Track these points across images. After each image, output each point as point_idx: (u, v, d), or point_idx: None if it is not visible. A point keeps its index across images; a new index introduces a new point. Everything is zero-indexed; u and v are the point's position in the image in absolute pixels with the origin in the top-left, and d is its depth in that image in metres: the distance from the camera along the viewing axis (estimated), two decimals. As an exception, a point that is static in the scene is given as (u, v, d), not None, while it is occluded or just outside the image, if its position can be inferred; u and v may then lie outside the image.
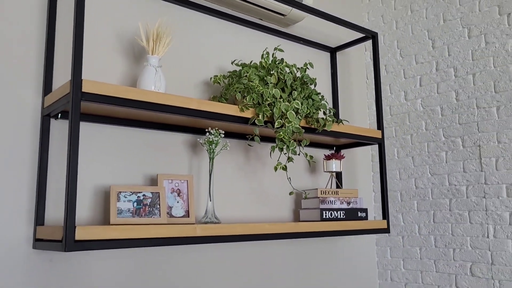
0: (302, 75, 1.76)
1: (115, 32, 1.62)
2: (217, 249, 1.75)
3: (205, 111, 1.50)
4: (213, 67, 1.88)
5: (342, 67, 2.42)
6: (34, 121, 1.42)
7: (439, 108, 2.20)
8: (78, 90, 1.23)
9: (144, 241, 1.30)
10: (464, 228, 2.05)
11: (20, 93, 1.41)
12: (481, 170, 2.02)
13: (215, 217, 1.59)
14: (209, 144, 1.61)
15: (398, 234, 2.30)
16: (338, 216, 1.90)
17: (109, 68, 1.59)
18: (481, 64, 2.06)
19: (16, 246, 1.35)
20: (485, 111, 2.03)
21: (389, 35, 2.45)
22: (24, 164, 1.39)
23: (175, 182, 1.57)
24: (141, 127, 1.62)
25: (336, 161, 2.02)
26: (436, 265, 2.14)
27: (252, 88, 1.60)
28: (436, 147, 2.19)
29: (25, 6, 1.45)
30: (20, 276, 1.34)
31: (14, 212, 1.35)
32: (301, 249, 2.05)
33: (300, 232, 1.71)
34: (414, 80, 2.32)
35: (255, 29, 2.06)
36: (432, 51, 2.26)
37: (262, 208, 1.95)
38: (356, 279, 2.28)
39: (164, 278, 1.61)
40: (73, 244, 1.17)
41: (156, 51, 1.51)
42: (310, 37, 2.26)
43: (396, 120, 2.37)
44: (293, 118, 1.58)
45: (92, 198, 1.49)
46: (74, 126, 1.21)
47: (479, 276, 1.99)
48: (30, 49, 1.44)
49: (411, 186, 2.27)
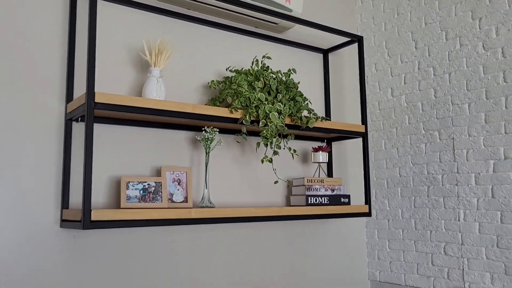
0: (286, 80, 2.02)
1: (126, 47, 1.92)
2: (212, 230, 2.05)
3: (199, 113, 1.78)
4: (212, 73, 2.16)
5: (336, 67, 2.66)
6: (59, 124, 1.74)
7: (420, 104, 2.42)
8: (92, 100, 1.54)
9: (147, 221, 1.61)
10: (439, 212, 2.29)
11: (47, 101, 1.73)
12: (454, 160, 2.24)
13: (210, 202, 1.89)
14: (205, 141, 1.90)
15: (384, 218, 2.55)
16: (322, 202, 2.16)
17: (120, 78, 1.89)
18: (456, 64, 2.27)
19: (47, 225, 1.68)
20: (458, 107, 2.25)
21: (378, 36, 2.67)
22: (52, 159, 1.71)
23: (176, 173, 1.87)
24: (149, 126, 1.92)
25: (323, 153, 2.28)
26: (415, 245, 2.38)
27: (240, 92, 1.88)
28: (417, 139, 2.42)
29: (50, 27, 1.76)
30: (50, 249, 1.67)
31: (45, 198, 1.68)
32: (293, 231, 2.33)
33: (285, 215, 1.99)
34: (399, 78, 2.54)
35: (252, 37, 2.32)
36: (415, 51, 2.47)
37: (258, 195, 2.23)
38: (348, 258, 2.55)
39: (165, 254, 1.92)
40: (89, 223, 1.49)
41: (157, 64, 1.80)
42: (304, 41, 2.51)
43: (384, 115, 2.60)
44: (275, 118, 1.85)
45: (107, 187, 1.81)
46: (89, 129, 1.52)
47: (451, 255, 2.22)
48: (54, 64, 1.75)
49: (395, 174, 2.51)
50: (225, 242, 2.09)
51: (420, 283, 2.34)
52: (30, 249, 1.63)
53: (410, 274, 2.40)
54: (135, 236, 1.85)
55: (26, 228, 1.64)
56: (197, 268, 1.99)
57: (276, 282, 2.24)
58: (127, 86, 1.91)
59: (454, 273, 2.21)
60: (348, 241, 2.57)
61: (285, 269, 2.28)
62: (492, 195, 2.09)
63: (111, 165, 1.83)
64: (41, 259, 1.65)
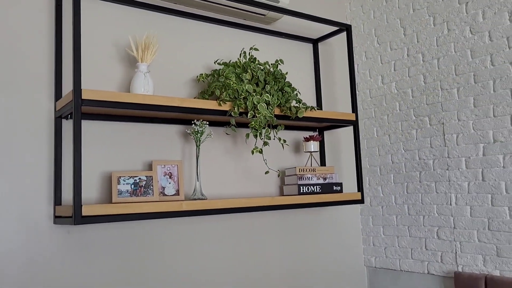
0: (274, 71, 2.03)
1: (114, 44, 1.93)
2: (205, 222, 2.07)
3: (187, 107, 1.80)
4: (202, 67, 2.17)
5: (326, 57, 2.67)
6: (49, 122, 1.76)
7: (410, 90, 2.43)
8: (79, 97, 1.56)
9: (138, 215, 1.64)
10: (431, 197, 2.31)
11: (37, 99, 1.75)
12: (445, 145, 2.25)
13: (202, 194, 1.91)
14: (195, 134, 1.92)
15: (378, 204, 2.57)
16: (315, 190, 2.19)
17: (109, 74, 1.91)
18: (444, 50, 2.28)
19: (41, 222, 1.70)
20: (447, 92, 2.26)
21: (367, 24, 2.68)
22: (44, 157, 1.74)
23: (167, 166, 1.90)
24: (140, 121, 1.94)
25: (314, 142, 2.29)
26: (409, 231, 2.41)
27: (228, 85, 1.89)
28: (408, 126, 2.43)
29: (37, 25, 1.77)
30: (45, 245, 1.70)
31: (37, 195, 1.71)
32: (287, 221, 2.35)
33: (277, 205, 2.01)
34: (389, 65, 2.55)
35: (240, 29, 2.33)
36: (403, 38, 2.48)
37: (251, 186, 2.25)
38: (344, 245, 2.57)
39: (160, 247, 1.95)
40: (81, 219, 1.51)
41: (144, 59, 1.81)
42: (293, 31, 2.51)
43: (375, 102, 2.62)
44: (263, 109, 1.87)
45: (100, 183, 1.83)
46: (77, 126, 1.54)
47: (444, 239, 2.24)
48: (43, 61, 1.77)
49: (388, 161, 2.53)
50: (219, 234, 2.12)
51: (414, 268, 2.37)
52: (24, 246, 1.66)
53: (405, 259, 2.42)
54: (129, 230, 1.87)
55: (20, 226, 1.67)
56: (192, 261, 2.02)
57: (272, 273, 2.27)
58: (116, 82, 1.93)
59: (447, 256, 2.23)
60: (344, 229, 2.59)
61: (281, 259, 2.31)
62: (483, 178, 2.10)
63: (104, 161, 1.86)
64: (36, 256, 1.68)
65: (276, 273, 2.28)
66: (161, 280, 1.92)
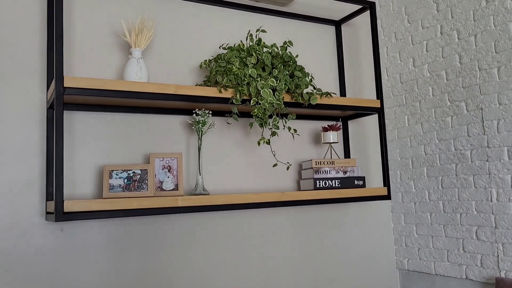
0: (282, 53, 1.85)
1: (111, 29, 1.82)
2: (208, 219, 1.92)
3: (184, 95, 1.66)
4: (209, 52, 2.02)
5: (350, 40, 2.44)
6: (41, 113, 1.68)
7: (444, 73, 2.16)
8: (60, 86, 1.45)
9: (128, 211, 1.51)
10: (469, 193, 2.04)
11: (30, 89, 1.67)
12: (484, 133, 1.98)
13: (204, 189, 1.76)
14: (196, 124, 1.78)
15: (410, 201, 2.32)
16: (333, 185, 1.98)
17: (106, 62, 1.80)
18: (482, 25, 2.00)
19: (32, 218, 1.62)
20: (486, 72, 1.98)
21: (397, 2, 2.42)
22: (35, 150, 1.65)
23: (166, 159, 1.76)
24: (138, 112, 1.82)
25: (333, 132, 2.08)
26: (445, 230, 2.14)
27: (229, 70, 1.73)
28: (442, 112, 2.16)
29: (28, 13, 1.69)
30: (37, 242, 1.61)
31: (28, 190, 1.62)
32: (305, 218, 2.16)
33: (288, 201, 1.82)
34: (421, 46, 2.29)
35: (253, 12, 2.15)
36: (436, 14, 2.21)
37: (265, 180, 2.08)
38: (373, 245, 2.34)
39: (157, 244, 1.82)
40: (62, 215, 1.41)
41: (138, 44, 1.69)
42: (311, 13, 2.31)
43: (406, 88, 2.36)
44: (267, 95, 1.69)
45: (95, 177, 1.73)
46: (58, 115, 1.43)
47: (484, 240, 1.97)
48: (35, 51, 1.69)
49: (421, 152, 2.27)
50: (222, 233, 1.96)
51: (451, 272, 2.11)
52: (15, 243, 1.58)
53: (440, 262, 2.16)
54: (126, 227, 1.75)
55: (11, 222, 1.59)
56: (191, 261, 1.88)
57: (284, 279, 2.08)
58: (114, 70, 1.81)
59: (488, 260, 1.96)
60: (372, 228, 2.36)
61: (295, 263, 2.12)
62: (528, 171, 1.82)
63: (101, 154, 1.75)
64: (27, 254, 1.59)
65: (289, 278, 2.09)
66: (157, 280, 1.79)
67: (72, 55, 1.74)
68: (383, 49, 2.49)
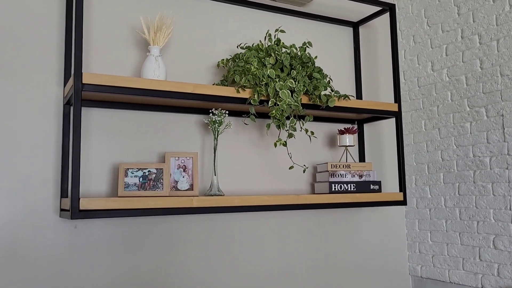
0: (301, 54, 1.82)
1: (129, 26, 1.80)
2: (224, 220, 1.90)
3: (201, 94, 1.64)
4: (227, 52, 2.00)
5: (368, 42, 2.41)
6: (58, 109, 1.66)
7: (464, 78, 2.13)
8: (79, 82, 1.44)
9: (143, 211, 1.49)
10: (487, 201, 2.00)
11: (47, 85, 1.65)
12: (504, 140, 1.94)
13: (219, 190, 1.74)
14: (213, 124, 1.76)
15: (425, 207, 2.29)
16: (348, 189, 1.95)
17: (124, 59, 1.79)
18: (505, 29, 1.96)
19: (47, 215, 1.60)
20: (508, 78, 1.94)
21: (417, 4, 2.39)
22: (51, 146, 1.64)
23: (181, 159, 1.74)
24: (156, 110, 1.80)
25: (349, 135, 2.06)
26: (460, 238, 2.11)
27: (248, 70, 1.71)
28: (461, 118, 2.13)
29: (47, 9, 1.68)
30: (51, 239, 1.59)
31: (43, 186, 1.61)
32: (320, 222, 2.13)
33: (302, 204, 1.80)
34: (440, 49, 2.25)
35: (270, 11, 2.13)
36: (457, 18, 2.17)
37: (281, 182, 2.05)
38: (386, 250, 2.31)
39: (172, 244, 1.80)
40: (78, 213, 1.39)
41: (156, 42, 1.67)
42: (329, 14, 2.28)
43: (424, 92, 2.33)
44: (285, 96, 1.67)
45: (111, 175, 1.71)
46: (77, 112, 1.41)
47: (501, 249, 1.94)
48: (52, 47, 1.67)
49: (437, 158, 2.24)
50: (236, 234, 1.94)
51: (466, 280, 2.07)
52: (31, 239, 1.57)
53: (455, 270, 2.12)
54: (139, 226, 1.74)
55: (26, 219, 1.57)
56: (204, 262, 1.86)
57: (302, 278, 2.06)
58: (131, 67, 1.80)
59: (505, 270, 1.92)
60: (386, 233, 2.33)
61: (310, 262, 2.09)
62: (550, 180, 1.78)
63: (116, 152, 1.74)
64: (42, 249, 1.58)
65: (302, 281, 2.07)
66: (169, 280, 1.78)
67: (89, 51, 1.73)
68: (400, 52, 2.46)
